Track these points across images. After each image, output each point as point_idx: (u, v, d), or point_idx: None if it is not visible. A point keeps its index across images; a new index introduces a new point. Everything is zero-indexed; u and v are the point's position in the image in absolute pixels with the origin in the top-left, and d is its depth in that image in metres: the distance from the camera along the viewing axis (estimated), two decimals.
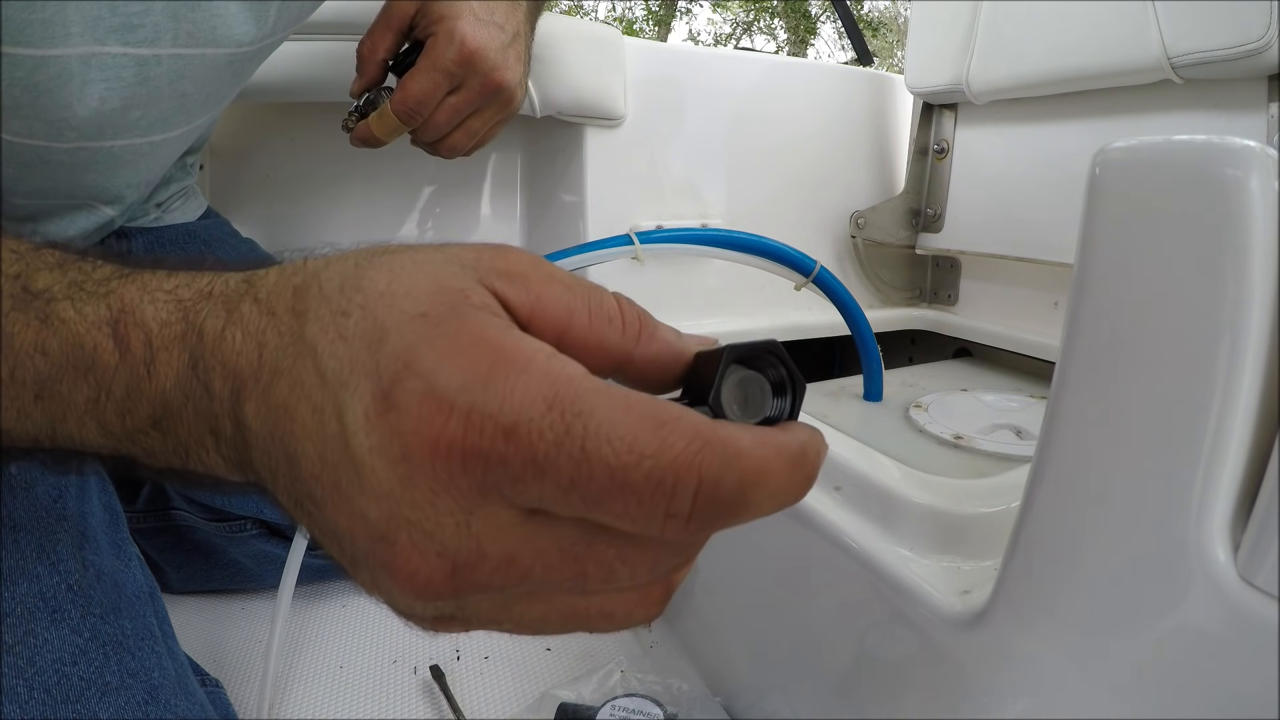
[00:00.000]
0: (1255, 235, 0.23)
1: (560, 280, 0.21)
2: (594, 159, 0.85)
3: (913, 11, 0.99)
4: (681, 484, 0.17)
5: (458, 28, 0.51)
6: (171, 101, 0.46)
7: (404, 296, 0.19)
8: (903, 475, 0.45)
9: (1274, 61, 0.62)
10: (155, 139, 0.48)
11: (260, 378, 0.20)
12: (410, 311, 0.19)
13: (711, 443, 0.17)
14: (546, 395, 0.17)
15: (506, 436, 0.17)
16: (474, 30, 0.52)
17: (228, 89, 0.52)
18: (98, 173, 0.48)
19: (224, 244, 0.69)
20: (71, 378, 0.23)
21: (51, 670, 0.36)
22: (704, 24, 12.61)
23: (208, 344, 0.22)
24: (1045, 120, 0.86)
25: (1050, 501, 0.30)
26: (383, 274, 0.20)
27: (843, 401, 0.79)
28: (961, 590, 0.36)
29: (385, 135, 0.56)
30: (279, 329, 0.20)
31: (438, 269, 0.20)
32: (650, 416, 0.17)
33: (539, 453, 0.17)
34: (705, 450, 0.17)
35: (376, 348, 0.19)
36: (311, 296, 0.20)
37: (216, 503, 0.65)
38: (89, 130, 0.43)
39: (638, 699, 0.55)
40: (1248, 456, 0.24)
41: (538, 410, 0.17)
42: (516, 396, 0.17)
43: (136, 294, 0.23)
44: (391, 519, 0.18)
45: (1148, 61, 0.70)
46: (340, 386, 0.19)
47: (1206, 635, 0.24)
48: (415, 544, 0.18)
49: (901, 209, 1.01)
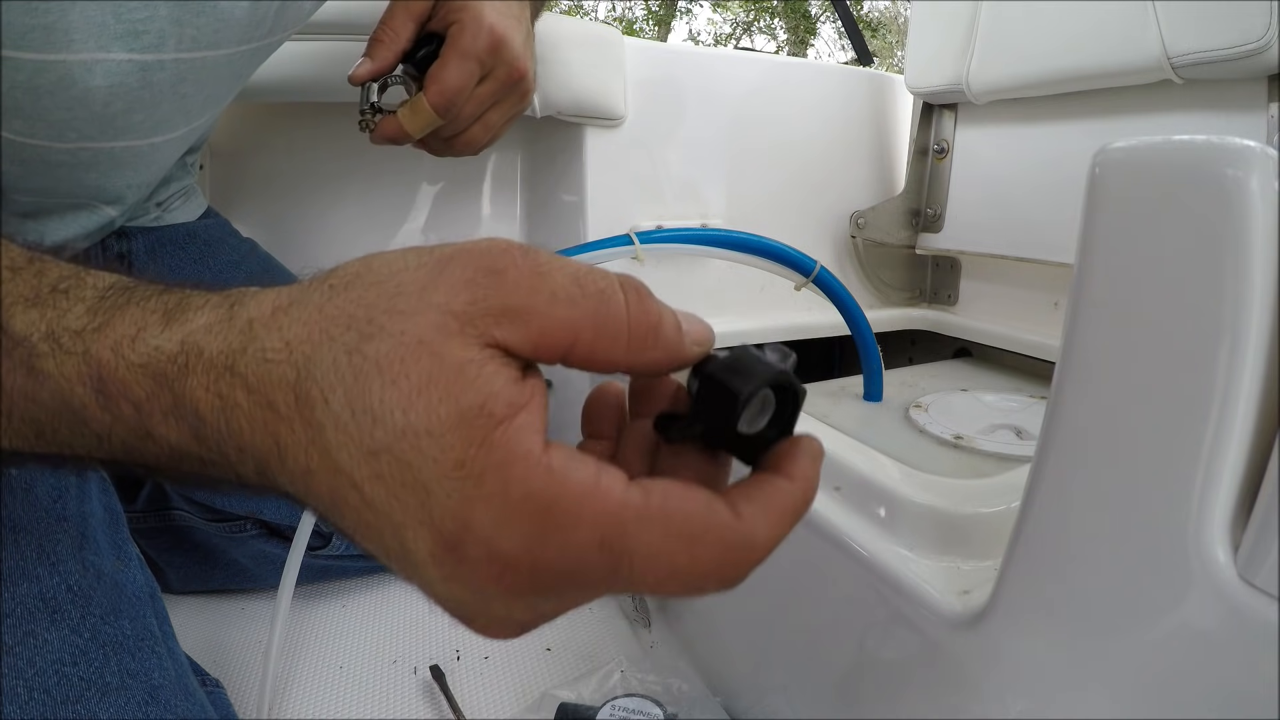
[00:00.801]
0: (1255, 235, 0.23)
1: (564, 297, 0.21)
2: (594, 159, 0.85)
3: (913, 11, 0.99)
4: (708, 587, 0.21)
5: (484, 15, 0.50)
6: (173, 104, 0.46)
7: (427, 436, 0.19)
8: (903, 475, 0.45)
9: (1274, 61, 0.62)
10: (156, 140, 0.48)
11: (287, 466, 0.21)
12: (444, 461, 0.19)
13: (734, 550, 0.21)
14: (597, 540, 0.19)
15: (569, 579, 0.20)
16: (498, 19, 0.51)
17: (227, 90, 0.52)
18: (98, 173, 0.48)
19: (224, 244, 0.68)
20: (69, 425, 0.23)
21: (51, 671, 0.36)
22: (704, 24, 12.62)
23: (209, 426, 0.22)
24: (1045, 120, 0.86)
25: (1050, 501, 0.30)
26: (390, 392, 0.19)
27: (843, 401, 0.79)
28: (961, 590, 0.36)
29: (418, 130, 0.52)
30: (294, 432, 0.21)
31: (445, 368, 0.20)
32: (685, 537, 0.20)
33: (594, 584, 0.20)
34: (728, 558, 0.21)
35: (425, 499, 0.19)
36: (318, 409, 0.20)
37: (216, 503, 0.65)
38: (90, 131, 0.43)
39: (638, 699, 0.55)
40: (1248, 456, 0.24)
41: (591, 555, 0.19)
42: (573, 548, 0.19)
43: (110, 356, 0.23)
44: (465, 607, 0.21)
45: (1148, 61, 0.70)
46: (397, 526, 0.20)
47: (1206, 635, 0.24)
48: (490, 623, 0.22)
49: (901, 209, 1.01)
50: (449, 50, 0.50)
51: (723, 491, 0.22)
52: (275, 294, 0.23)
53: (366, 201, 0.98)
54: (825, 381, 0.86)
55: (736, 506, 0.21)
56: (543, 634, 0.66)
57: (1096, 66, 0.75)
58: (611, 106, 0.83)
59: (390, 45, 0.52)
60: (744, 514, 0.21)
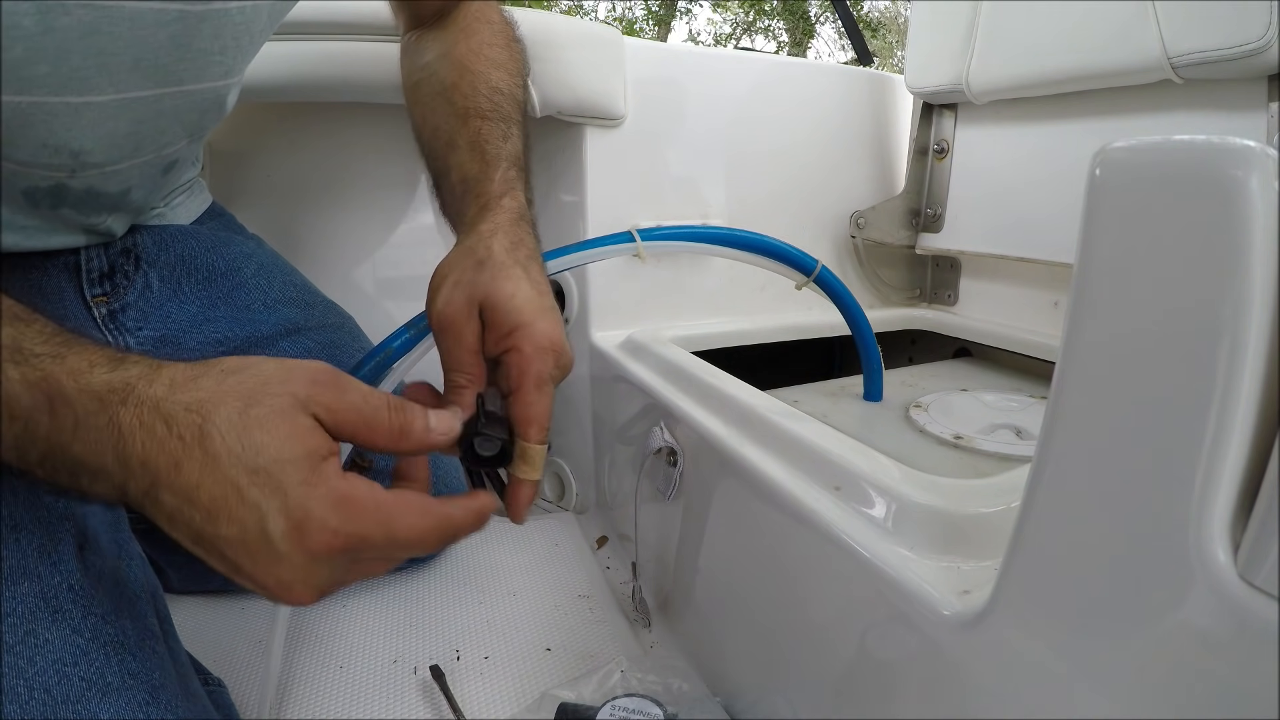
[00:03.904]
0: (1255, 235, 0.23)
1: (352, 404, 0.36)
2: (594, 159, 0.85)
3: (913, 11, 0.99)
4: (429, 541, 0.38)
5: (537, 329, 0.43)
6: (86, 59, 0.42)
7: (288, 462, 0.33)
8: (903, 475, 0.45)
9: (1274, 61, 0.62)
10: (74, 100, 0.43)
11: (177, 481, 0.32)
12: (295, 476, 0.33)
13: (438, 518, 0.37)
14: (375, 520, 0.35)
15: (362, 540, 0.34)
16: (549, 324, 0.44)
17: (169, 57, 0.46)
18: (37, 128, 0.44)
19: (232, 239, 0.68)
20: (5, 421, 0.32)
21: (52, 671, 0.36)
22: (704, 24, 12.61)
23: (127, 442, 0.32)
24: (1045, 120, 0.86)
25: (1050, 501, 0.30)
26: (265, 436, 0.33)
27: (843, 401, 0.79)
28: (961, 590, 0.36)
29: (539, 473, 0.45)
30: (192, 458, 0.32)
31: (296, 427, 0.34)
32: (416, 512, 0.36)
33: (374, 544, 0.35)
34: (437, 526, 0.37)
35: (284, 498, 0.33)
36: (215, 443, 0.32)
37: None
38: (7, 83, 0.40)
39: (638, 699, 0.55)
40: (1248, 456, 0.24)
41: (371, 528, 0.34)
42: (365, 524, 0.34)
43: (66, 379, 0.32)
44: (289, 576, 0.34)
45: (1148, 61, 0.70)
46: (263, 515, 0.32)
47: (1206, 635, 0.24)
48: (305, 589, 0.35)
49: (901, 209, 1.01)
50: (525, 382, 0.43)
51: None
52: (186, 366, 0.34)
53: (366, 201, 0.98)
54: (825, 381, 0.86)
55: (446, 503, 0.38)
56: (543, 634, 0.67)
57: (1096, 66, 0.75)
58: (611, 106, 0.83)
59: (474, 385, 0.44)
60: (447, 504, 0.38)
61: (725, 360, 0.75)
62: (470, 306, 0.43)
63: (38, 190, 0.49)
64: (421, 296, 0.46)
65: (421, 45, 0.60)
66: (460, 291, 0.44)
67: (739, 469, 0.53)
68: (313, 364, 0.36)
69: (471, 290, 0.44)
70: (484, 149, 0.51)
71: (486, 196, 0.49)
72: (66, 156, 0.47)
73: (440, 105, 0.55)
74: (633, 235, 0.61)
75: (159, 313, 0.61)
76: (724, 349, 0.88)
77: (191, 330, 0.62)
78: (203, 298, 0.63)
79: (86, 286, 0.58)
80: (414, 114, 0.58)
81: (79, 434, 0.32)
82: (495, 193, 0.49)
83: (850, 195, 1.03)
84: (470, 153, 0.52)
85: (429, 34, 0.60)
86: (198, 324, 0.62)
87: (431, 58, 0.57)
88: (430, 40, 0.59)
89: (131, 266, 0.60)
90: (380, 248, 1.00)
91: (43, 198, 0.50)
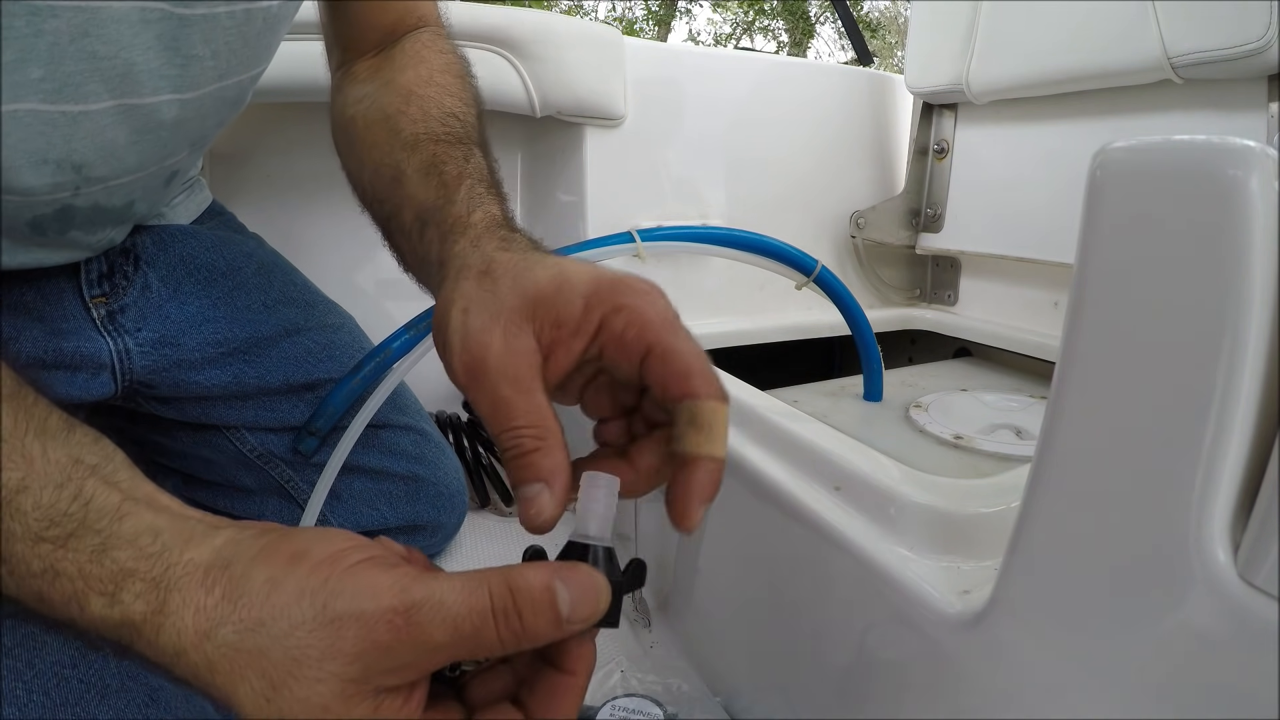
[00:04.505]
0: (1255, 235, 0.23)
1: (441, 643, 0.26)
2: (594, 159, 0.85)
3: (913, 11, 0.99)
4: None
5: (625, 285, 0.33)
6: (78, 62, 0.40)
7: (339, 658, 0.25)
8: (903, 475, 0.45)
9: (1274, 61, 0.62)
10: (69, 109, 0.42)
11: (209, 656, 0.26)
12: (341, 673, 0.25)
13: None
14: None
15: None
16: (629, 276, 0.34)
17: (157, 61, 0.44)
18: (36, 141, 0.42)
19: (233, 239, 0.68)
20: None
21: (51, 673, 0.36)
22: (704, 24, 12.63)
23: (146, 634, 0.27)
24: (1045, 120, 0.86)
25: (1050, 501, 0.30)
26: (319, 636, 0.25)
27: (843, 401, 0.79)
28: (961, 590, 0.36)
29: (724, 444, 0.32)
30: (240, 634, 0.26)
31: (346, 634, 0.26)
32: None
33: None
34: None
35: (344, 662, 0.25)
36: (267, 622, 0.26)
37: (218, 506, 0.65)
38: None
39: (638, 699, 0.55)
40: (1248, 456, 0.24)
41: None
42: None
43: (75, 588, 0.27)
44: None
45: (1148, 61, 0.70)
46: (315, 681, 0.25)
47: (1206, 635, 0.24)
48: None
49: (901, 209, 1.01)
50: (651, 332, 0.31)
51: None
52: (194, 616, 0.26)
53: None
54: (825, 381, 0.86)
55: None
56: None
57: (1096, 66, 0.75)
58: (611, 106, 0.83)
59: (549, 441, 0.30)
60: None
61: (725, 360, 0.75)
62: (507, 324, 0.31)
63: (44, 219, 0.48)
64: (422, 296, 0.45)
65: (356, 76, 0.51)
66: (480, 314, 0.31)
67: (739, 469, 0.53)
68: (369, 614, 0.25)
69: (496, 304, 0.31)
70: (441, 171, 0.42)
71: (450, 220, 0.38)
72: (69, 171, 0.46)
73: (382, 136, 0.45)
74: (632, 235, 0.61)
75: (158, 313, 0.61)
76: (724, 349, 0.88)
77: (191, 330, 0.62)
78: (203, 298, 0.63)
79: (85, 287, 0.58)
80: (348, 158, 0.48)
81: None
82: (458, 213, 0.38)
83: (850, 195, 1.03)
84: (424, 179, 0.42)
85: (365, 64, 0.52)
86: (197, 324, 0.62)
87: (371, 87, 0.49)
88: (367, 70, 0.51)
89: (131, 267, 0.60)
90: (380, 248, 0.99)
91: (49, 225, 0.49)
